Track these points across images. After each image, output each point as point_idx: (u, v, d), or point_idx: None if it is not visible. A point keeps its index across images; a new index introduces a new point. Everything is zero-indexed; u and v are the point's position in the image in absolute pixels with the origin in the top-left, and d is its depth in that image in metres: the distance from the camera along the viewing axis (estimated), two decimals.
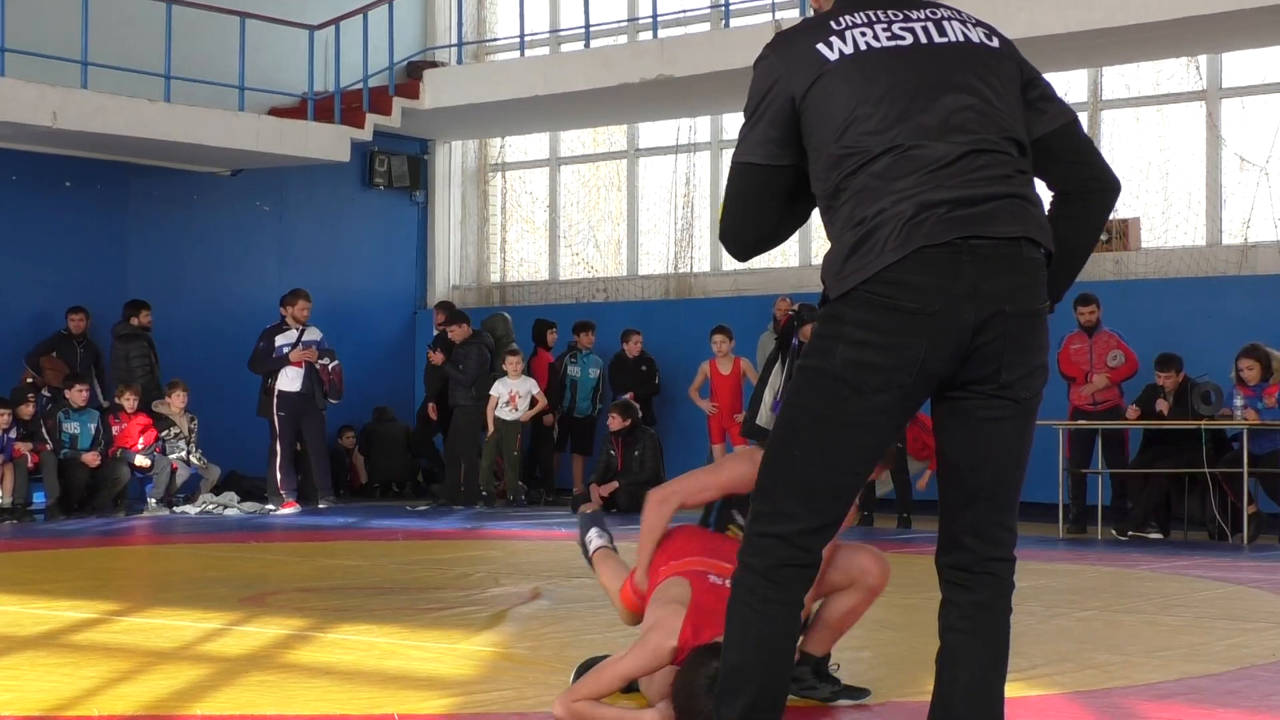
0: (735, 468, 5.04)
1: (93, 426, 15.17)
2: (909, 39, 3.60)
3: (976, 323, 3.43)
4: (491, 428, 16.20)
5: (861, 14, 3.62)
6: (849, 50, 3.55)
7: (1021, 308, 3.48)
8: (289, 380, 15.76)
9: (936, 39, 3.62)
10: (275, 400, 15.69)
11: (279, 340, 15.74)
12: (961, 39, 3.64)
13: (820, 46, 3.57)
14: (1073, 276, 3.72)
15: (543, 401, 16.43)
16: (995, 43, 3.69)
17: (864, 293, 3.44)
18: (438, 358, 16.62)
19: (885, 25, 3.61)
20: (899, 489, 14.04)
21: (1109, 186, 3.77)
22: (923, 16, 3.65)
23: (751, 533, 3.57)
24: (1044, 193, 3.69)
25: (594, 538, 5.66)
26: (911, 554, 11.40)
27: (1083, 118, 16.02)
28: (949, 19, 3.67)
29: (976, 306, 3.43)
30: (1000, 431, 3.56)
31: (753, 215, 3.67)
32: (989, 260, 3.44)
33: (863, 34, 3.58)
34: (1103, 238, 15.66)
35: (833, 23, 3.61)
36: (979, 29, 3.69)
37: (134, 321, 15.96)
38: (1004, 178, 3.51)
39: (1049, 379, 3.65)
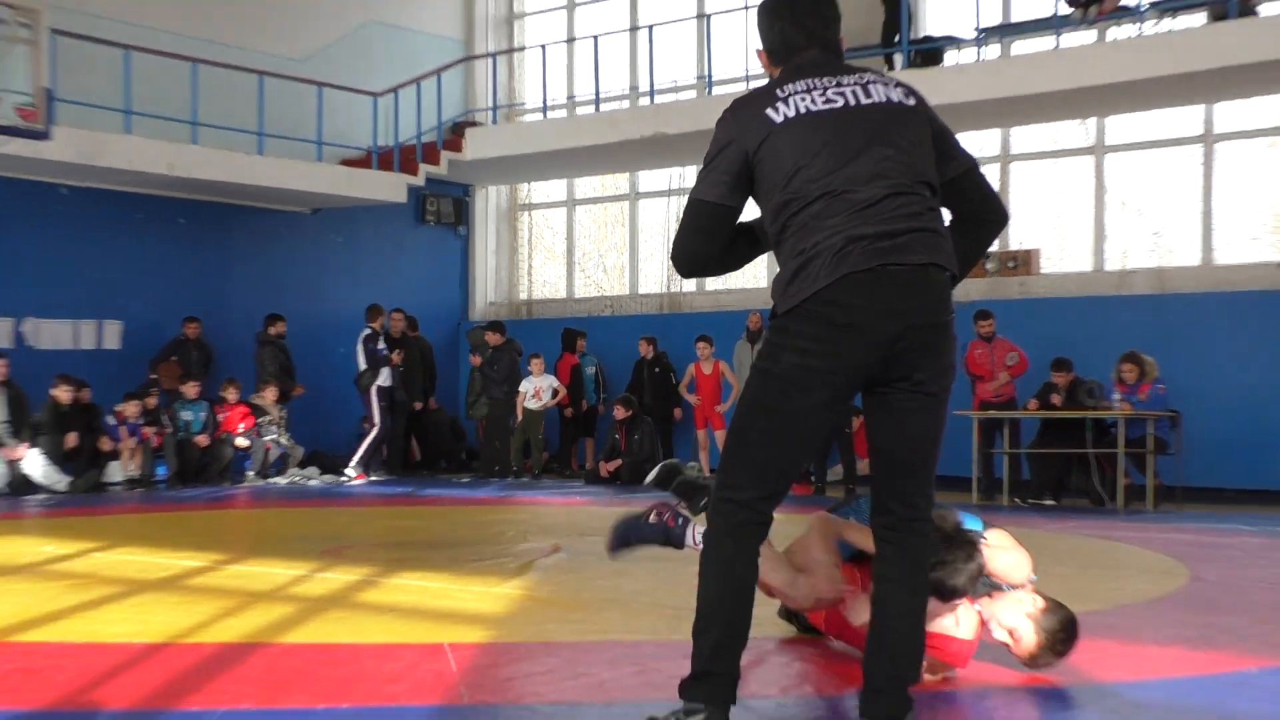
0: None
1: (203, 414, 15.28)
2: (840, 102, 3.71)
3: (895, 333, 3.56)
4: (520, 416, 16.31)
5: (802, 82, 3.75)
6: (792, 114, 3.68)
7: (930, 320, 3.61)
8: (385, 377, 15.89)
9: (864, 100, 3.72)
10: (376, 393, 15.80)
11: (380, 345, 15.91)
12: (884, 100, 3.74)
13: (769, 111, 3.70)
14: (963, 276, 3.82)
15: (564, 393, 16.53)
16: (911, 101, 3.79)
17: (805, 309, 3.56)
18: (476, 360, 16.78)
19: (821, 91, 3.72)
20: (846, 467, 14.12)
21: (1000, 219, 3.97)
22: (852, 81, 3.76)
23: (716, 499, 3.69)
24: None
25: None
26: None
27: (995, 169, 16.26)
28: (873, 82, 3.78)
29: (894, 320, 3.55)
30: (916, 419, 3.68)
31: (697, 243, 3.79)
32: (904, 283, 3.56)
33: (803, 99, 3.70)
34: (1009, 264, 15.79)
35: (778, 90, 3.74)
36: (898, 89, 3.79)
37: (271, 331, 16.07)
38: (917, 214, 3.62)
39: (956, 378, 3.77)
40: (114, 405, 14.58)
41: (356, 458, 15.76)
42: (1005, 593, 4.56)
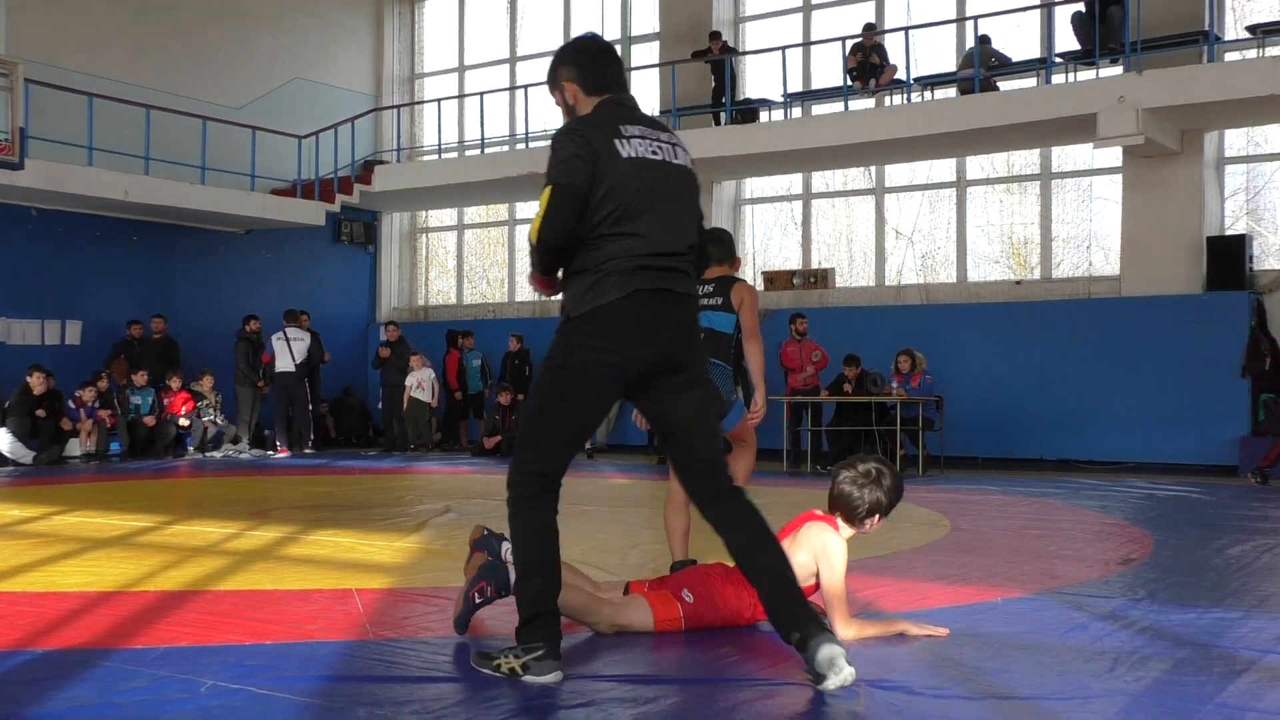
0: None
1: (150, 399, 14.83)
2: (660, 156, 3.75)
3: (667, 339, 3.62)
4: (405, 404, 16.13)
5: (638, 128, 3.74)
6: (632, 154, 3.67)
7: (691, 330, 3.73)
8: (284, 363, 15.55)
9: (671, 160, 3.78)
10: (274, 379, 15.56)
11: (288, 336, 15.60)
12: (682, 163, 3.82)
13: (617, 142, 3.67)
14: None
15: (437, 385, 16.38)
16: (690, 166, 3.88)
17: (595, 315, 3.56)
18: (386, 352, 16.52)
19: (652, 141, 3.74)
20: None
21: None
22: (667, 140, 3.81)
23: (518, 472, 3.63)
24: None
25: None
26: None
27: (799, 205, 16.42)
28: (676, 145, 3.84)
29: (666, 328, 3.62)
30: (688, 401, 3.71)
31: (563, 227, 3.59)
32: (673, 303, 3.66)
33: (640, 144, 3.71)
34: (811, 280, 15.93)
35: (622, 128, 3.70)
36: (687, 155, 3.88)
37: (247, 328, 15.69)
38: (683, 254, 3.74)
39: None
40: (74, 391, 14.09)
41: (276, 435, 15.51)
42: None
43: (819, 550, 4.18)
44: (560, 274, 3.72)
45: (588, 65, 3.84)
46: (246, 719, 3.12)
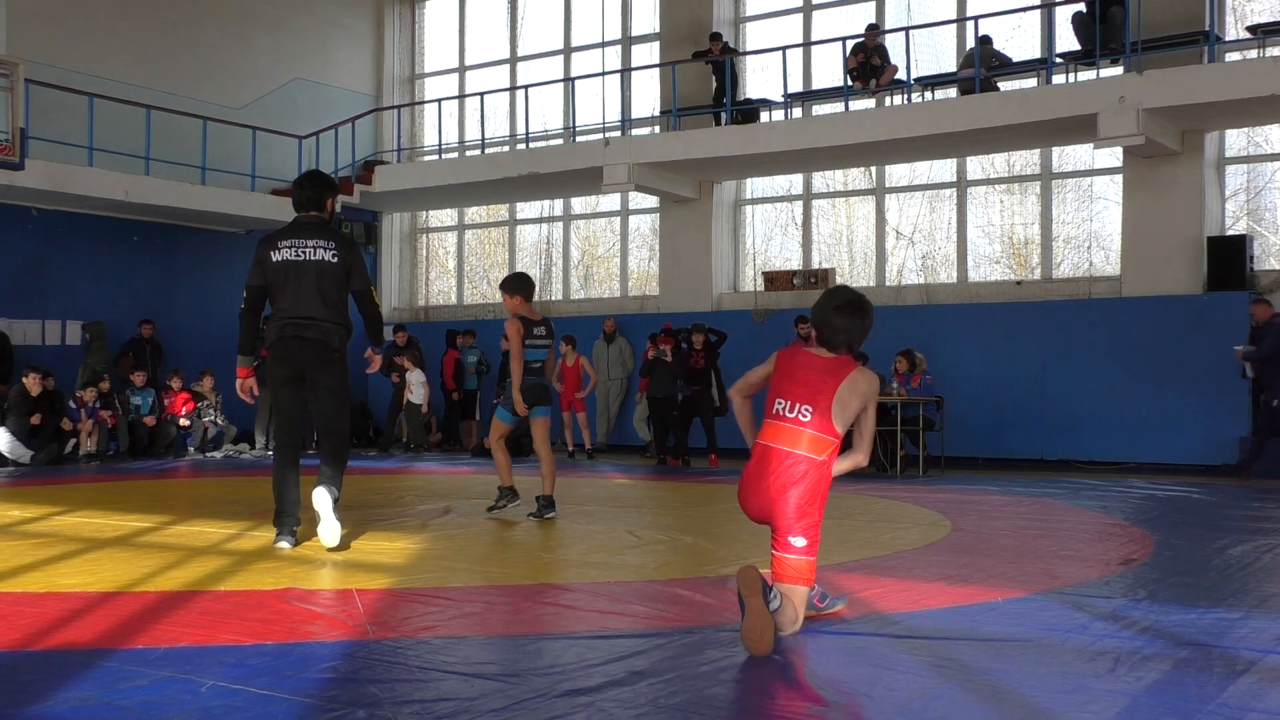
0: (765, 370, 4.47)
1: (151, 400, 14.82)
2: (304, 256, 6.24)
3: (297, 363, 6.33)
4: (405, 405, 16.21)
5: (291, 239, 6.27)
6: (280, 258, 6.27)
7: (321, 357, 6.33)
8: None
9: (311, 258, 6.24)
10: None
11: None
12: (322, 259, 6.25)
13: (271, 251, 6.29)
14: (374, 341, 6.63)
15: (428, 388, 16.40)
16: (334, 257, 6.26)
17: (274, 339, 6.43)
18: (405, 362, 16.49)
19: (298, 248, 6.25)
20: (709, 436, 13.97)
21: (370, 319, 6.50)
22: (315, 244, 6.25)
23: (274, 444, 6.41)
24: None
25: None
26: (710, 484, 11.49)
27: (799, 205, 16.41)
28: (323, 247, 6.26)
29: (299, 356, 6.33)
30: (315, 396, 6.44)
31: (259, 307, 6.47)
32: (303, 345, 6.31)
33: (288, 249, 6.27)
34: (811, 280, 15.91)
35: (279, 241, 6.29)
36: (329, 250, 6.25)
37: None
38: (319, 319, 6.30)
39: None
40: (75, 391, 14.08)
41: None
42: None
43: (872, 395, 4.25)
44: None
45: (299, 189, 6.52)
46: (247, 719, 3.11)
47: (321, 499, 6.15)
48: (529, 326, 7.80)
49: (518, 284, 7.85)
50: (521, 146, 17.40)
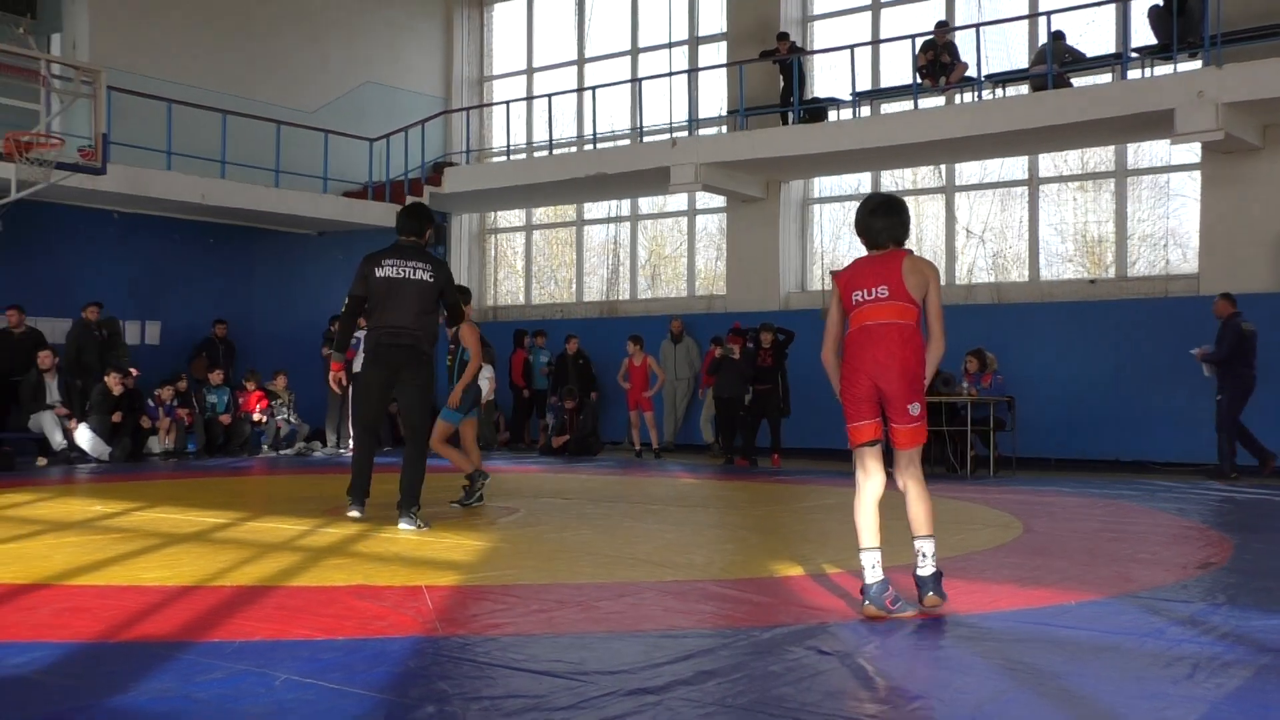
0: (834, 311, 4.82)
1: (226, 398, 15.08)
2: (405, 275, 7.20)
3: (393, 365, 7.26)
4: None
5: (395, 259, 7.24)
6: (383, 274, 7.23)
7: (412, 360, 7.34)
8: (357, 364, 15.70)
9: (411, 276, 7.20)
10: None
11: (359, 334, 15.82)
12: (421, 278, 7.24)
13: (376, 268, 7.25)
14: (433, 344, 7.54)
15: (495, 382, 16.47)
16: (430, 277, 7.26)
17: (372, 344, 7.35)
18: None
19: (399, 267, 7.22)
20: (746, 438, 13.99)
21: (451, 307, 7.62)
22: (414, 264, 7.24)
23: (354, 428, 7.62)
24: None
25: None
26: (776, 483, 11.45)
27: None
28: (421, 268, 7.26)
29: (395, 358, 7.30)
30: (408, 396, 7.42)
31: (358, 313, 7.51)
32: (397, 350, 7.25)
33: (391, 267, 7.23)
34: None
35: (384, 259, 7.24)
36: (427, 271, 7.26)
37: (331, 329, 15.85)
38: (412, 328, 7.24)
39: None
40: (154, 390, 14.37)
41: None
42: None
43: (934, 273, 4.67)
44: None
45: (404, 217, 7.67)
46: (319, 713, 3.15)
47: (407, 529, 7.07)
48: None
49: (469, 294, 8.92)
50: (589, 147, 17.47)
